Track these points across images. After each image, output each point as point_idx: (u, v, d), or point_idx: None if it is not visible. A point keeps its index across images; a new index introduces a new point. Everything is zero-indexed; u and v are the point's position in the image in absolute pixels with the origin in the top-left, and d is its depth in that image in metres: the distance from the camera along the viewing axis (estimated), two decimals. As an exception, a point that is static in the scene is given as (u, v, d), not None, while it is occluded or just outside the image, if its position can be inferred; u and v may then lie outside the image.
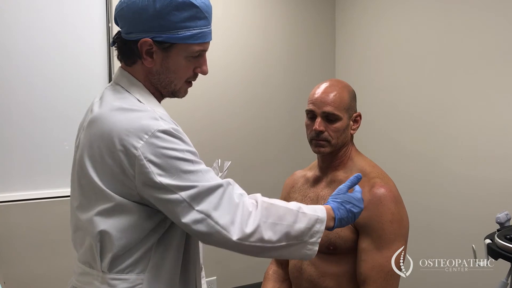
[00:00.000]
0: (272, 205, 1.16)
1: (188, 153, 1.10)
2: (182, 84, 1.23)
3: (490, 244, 1.66)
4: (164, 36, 1.13)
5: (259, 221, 1.12)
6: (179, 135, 1.11)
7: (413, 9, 2.86)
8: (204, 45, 1.20)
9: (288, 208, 1.18)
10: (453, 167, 2.62)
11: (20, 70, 2.38)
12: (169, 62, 1.17)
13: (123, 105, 1.14)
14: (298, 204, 1.22)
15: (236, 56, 3.07)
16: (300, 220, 1.17)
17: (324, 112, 1.54)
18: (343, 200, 1.27)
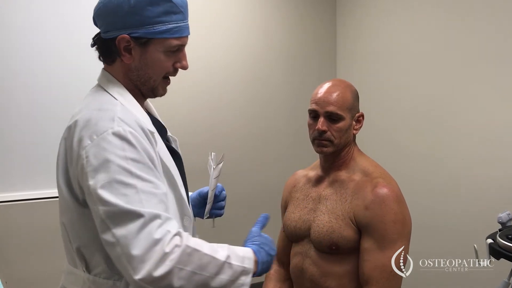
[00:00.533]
0: (197, 251, 1.04)
1: (132, 161, 1.04)
2: (160, 80, 1.22)
3: (492, 244, 1.65)
4: (141, 31, 1.14)
5: (173, 266, 1.00)
6: (129, 140, 1.06)
7: (414, 9, 2.85)
8: (181, 40, 1.19)
9: (213, 258, 1.07)
10: (455, 167, 2.62)
11: (20, 70, 2.37)
12: (147, 57, 1.17)
13: (94, 105, 1.15)
14: (229, 251, 1.11)
15: (236, 56, 3.07)
16: (224, 271, 1.08)
17: (327, 112, 1.53)
18: (261, 243, 1.20)
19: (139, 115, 1.15)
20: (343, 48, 3.40)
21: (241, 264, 1.11)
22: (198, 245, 1.05)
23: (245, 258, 1.12)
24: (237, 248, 1.14)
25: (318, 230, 1.54)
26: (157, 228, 1.01)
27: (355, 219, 1.50)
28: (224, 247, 1.11)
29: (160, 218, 1.02)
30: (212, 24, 2.98)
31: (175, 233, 1.03)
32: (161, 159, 1.15)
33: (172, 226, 1.04)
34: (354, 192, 1.53)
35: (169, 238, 1.01)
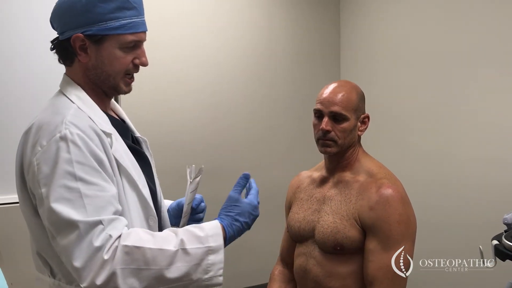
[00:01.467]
0: (138, 248, 1.03)
1: (78, 164, 1.04)
2: (121, 77, 1.20)
3: (497, 245, 1.65)
4: (94, 29, 1.14)
5: (114, 269, 1.00)
6: (76, 142, 1.06)
7: (417, 9, 2.85)
8: (137, 35, 1.18)
9: (160, 249, 1.05)
10: (460, 168, 2.61)
11: (20, 72, 2.38)
12: (103, 55, 1.17)
13: (49, 110, 1.15)
14: (185, 236, 1.09)
15: (240, 58, 3.08)
16: (178, 259, 1.06)
17: (332, 112, 1.54)
18: (236, 213, 1.19)
19: (95, 117, 1.15)
20: (347, 48, 3.40)
21: (202, 245, 1.09)
22: (139, 241, 1.04)
23: (208, 237, 1.10)
24: (199, 228, 1.12)
25: (322, 230, 1.54)
26: (98, 235, 1.01)
27: (359, 220, 1.50)
28: (179, 233, 1.09)
29: (102, 224, 1.02)
30: (215, 25, 2.98)
31: (117, 236, 1.03)
32: (116, 160, 1.14)
33: (115, 228, 1.04)
34: (359, 193, 1.53)
35: (110, 244, 1.02)
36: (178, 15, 2.86)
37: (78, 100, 1.17)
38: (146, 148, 1.39)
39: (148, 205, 1.21)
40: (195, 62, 2.93)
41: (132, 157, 1.21)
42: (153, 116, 2.80)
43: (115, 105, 1.37)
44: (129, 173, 1.16)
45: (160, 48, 2.79)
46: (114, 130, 1.18)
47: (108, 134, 1.15)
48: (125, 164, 1.16)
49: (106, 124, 1.17)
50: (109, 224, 1.03)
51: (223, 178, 3.01)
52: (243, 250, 3.11)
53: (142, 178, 1.21)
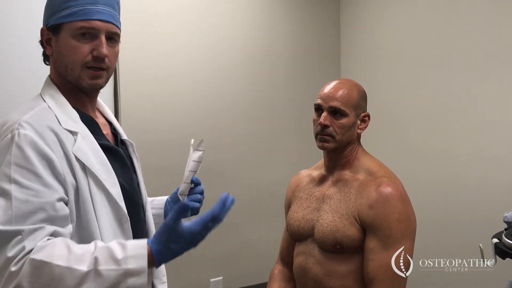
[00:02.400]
0: (46, 264, 0.97)
1: (16, 166, 1.02)
2: (79, 69, 1.16)
3: (497, 243, 1.64)
4: (52, 19, 1.16)
5: (20, 282, 0.96)
6: (20, 144, 1.03)
7: (418, 7, 2.85)
8: (89, 22, 1.15)
9: (69, 268, 0.97)
10: (460, 166, 2.61)
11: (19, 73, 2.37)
12: (60, 45, 1.17)
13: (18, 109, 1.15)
14: (102, 255, 0.99)
15: (240, 56, 3.07)
16: (88, 281, 0.97)
17: (331, 107, 1.54)
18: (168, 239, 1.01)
19: (63, 116, 1.14)
20: (347, 48, 3.39)
21: (119, 267, 0.98)
22: (48, 257, 0.98)
23: (128, 258, 0.99)
24: (121, 247, 1.01)
25: (322, 229, 1.54)
26: (13, 245, 0.98)
27: (359, 218, 1.50)
28: (97, 250, 1.00)
29: (21, 234, 0.99)
30: (214, 23, 2.98)
31: (30, 249, 0.98)
32: (77, 158, 1.11)
33: (33, 239, 0.99)
34: (358, 191, 1.52)
35: (20, 256, 0.98)
36: (177, 13, 2.86)
37: (50, 99, 1.17)
38: (132, 151, 1.37)
39: (117, 204, 1.17)
40: (194, 61, 2.93)
41: (102, 156, 1.18)
42: (152, 116, 2.79)
43: (103, 106, 1.36)
44: (93, 172, 1.13)
45: (160, 47, 2.79)
46: (83, 128, 1.16)
47: (73, 133, 1.13)
48: (89, 163, 1.13)
49: (74, 122, 1.16)
50: (28, 235, 0.99)
51: (222, 177, 3.01)
52: (243, 249, 3.11)
53: (112, 177, 1.18)
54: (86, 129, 1.18)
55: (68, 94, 1.20)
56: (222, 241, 3.01)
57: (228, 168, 3.04)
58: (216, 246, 2.95)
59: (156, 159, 2.61)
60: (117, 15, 1.22)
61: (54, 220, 1.04)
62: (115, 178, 1.19)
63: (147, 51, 2.74)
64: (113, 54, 1.21)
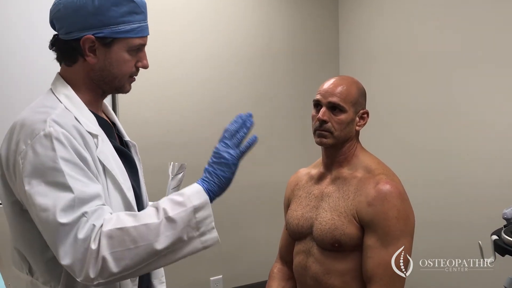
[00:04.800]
0: (120, 230, 1.04)
1: (63, 161, 1.05)
2: (126, 80, 1.23)
3: (497, 240, 1.64)
4: (105, 31, 1.15)
5: (102, 256, 1.02)
6: (60, 140, 1.06)
7: (416, 7, 2.84)
8: (143, 39, 1.22)
9: (144, 225, 1.06)
10: (459, 164, 2.61)
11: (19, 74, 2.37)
12: (111, 57, 1.18)
13: (34, 108, 1.16)
14: (164, 204, 1.10)
15: (238, 55, 3.07)
16: (165, 229, 1.06)
17: (330, 103, 1.54)
18: (215, 168, 1.19)
19: (82, 118, 1.15)
20: (346, 46, 3.39)
21: (186, 207, 1.09)
22: (120, 223, 1.05)
23: (190, 197, 1.11)
24: (179, 194, 1.12)
25: (320, 227, 1.54)
26: (82, 227, 1.03)
27: (358, 216, 1.49)
28: (160, 204, 1.10)
29: (85, 216, 1.03)
30: (213, 22, 2.98)
31: (100, 225, 1.04)
32: (100, 161, 1.14)
33: (98, 218, 1.04)
34: (357, 189, 1.52)
35: (94, 234, 1.03)
36: (176, 12, 2.86)
37: (66, 99, 1.17)
38: (135, 153, 1.38)
39: (132, 208, 1.20)
40: (193, 60, 2.92)
41: (118, 159, 1.20)
42: (151, 116, 2.79)
43: (107, 107, 1.37)
44: (113, 175, 1.16)
45: (160, 47, 2.79)
46: (101, 131, 1.18)
47: (94, 135, 1.15)
48: (110, 166, 1.15)
49: (93, 125, 1.17)
50: (92, 215, 1.04)
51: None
52: (242, 248, 3.11)
53: (127, 181, 1.21)
54: (103, 132, 1.20)
55: (84, 95, 1.21)
56: (222, 239, 3.00)
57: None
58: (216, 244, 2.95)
59: (154, 160, 2.60)
60: None
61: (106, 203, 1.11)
62: (129, 182, 1.21)
63: (146, 51, 2.73)
64: None
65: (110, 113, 1.36)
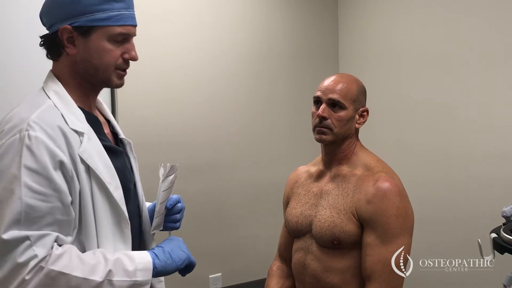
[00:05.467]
0: (63, 275, 1.01)
1: (26, 170, 1.01)
2: (111, 72, 1.19)
3: (496, 238, 1.64)
4: (82, 20, 1.13)
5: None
6: (30, 146, 1.03)
7: (416, 5, 2.84)
8: (126, 28, 1.17)
9: (85, 279, 1.03)
10: (458, 163, 2.61)
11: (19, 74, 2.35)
12: (91, 47, 1.15)
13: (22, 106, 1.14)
14: (114, 267, 1.09)
15: (238, 54, 3.07)
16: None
17: (330, 99, 1.54)
18: (170, 249, 1.20)
19: (69, 115, 1.13)
20: (345, 45, 3.39)
21: (129, 279, 1.09)
22: (66, 268, 1.02)
23: (136, 271, 1.11)
24: (129, 260, 1.12)
25: (319, 225, 1.54)
26: (22, 251, 0.99)
27: (357, 214, 1.49)
28: (110, 262, 1.08)
29: (30, 240, 1.00)
30: (212, 22, 2.97)
31: (43, 256, 1.00)
32: (83, 160, 1.11)
33: (43, 246, 1.01)
34: (356, 187, 1.52)
35: (34, 263, 0.99)
36: (176, 12, 2.85)
37: (55, 96, 1.16)
38: (130, 150, 1.36)
39: (119, 208, 1.17)
40: (192, 59, 2.92)
41: (106, 157, 1.17)
42: (149, 114, 2.79)
43: (102, 105, 1.35)
44: (97, 174, 1.13)
45: (159, 46, 2.78)
46: (88, 129, 1.16)
47: (80, 133, 1.12)
48: (94, 165, 1.12)
49: (80, 122, 1.15)
50: (37, 241, 1.01)
51: (221, 174, 3.01)
52: (242, 245, 3.11)
53: (115, 179, 1.17)
54: (91, 129, 1.17)
55: (73, 91, 1.19)
56: (221, 237, 3.01)
57: (227, 165, 3.04)
58: (215, 242, 2.96)
59: (153, 158, 2.60)
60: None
61: (60, 224, 1.05)
62: (118, 181, 1.18)
63: (145, 50, 2.73)
64: None
65: (104, 111, 1.34)
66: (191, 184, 2.83)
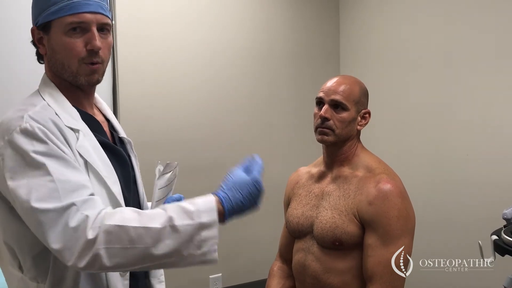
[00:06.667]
0: (121, 227, 1.00)
1: (42, 155, 1.03)
2: (76, 65, 1.14)
3: (496, 240, 1.64)
4: (41, 17, 1.13)
5: (97, 249, 0.98)
6: (37, 134, 1.04)
7: (417, 6, 2.84)
8: (77, 16, 1.11)
9: (145, 228, 1.01)
10: (459, 164, 2.61)
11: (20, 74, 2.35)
12: (52, 43, 1.14)
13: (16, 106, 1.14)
14: (174, 213, 1.04)
15: (239, 54, 3.07)
16: (166, 236, 1.02)
17: (332, 100, 1.54)
18: (236, 185, 1.14)
19: (63, 113, 1.14)
20: (347, 46, 3.39)
21: (193, 221, 1.04)
22: (122, 220, 1.01)
23: (200, 213, 1.05)
24: (191, 203, 1.07)
25: (321, 226, 1.54)
26: (73, 216, 1.00)
27: (358, 215, 1.50)
28: (169, 209, 1.05)
29: (75, 205, 1.01)
30: (214, 22, 2.97)
31: (96, 215, 1.01)
32: (81, 155, 1.11)
33: (91, 208, 1.02)
34: (358, 188, 1.52)
35: (89, 224, 1.00)
36: (177, 12, 2.85)
37: (49, 96, 1.16)
38: (130, 149, 1.36)
39: (118, 201, 1.17)
40: (193, 59, 2.92)
41: (103, 154, 1.17)
42: (151, 113, 2.79)
43: (102, 104, 1.35)
44: (94, 168, 1.13)
45: (159, 46, 2.78)
46: (83, 127, 1.16)
47: (75, 130, 1.13)
48: (91, 160, 1.13)
49: (75, 120, 1.15)
50: (82, 205, 1.01)
51: (222, 176, 3.00)
52: (242, 246, 3.11)
53: (112, 175, 1.17)
54: (87, 127, 1.17)
55: (65, 91, 1.19)
56: (221, 237, 3.00)
57: (228, 165, 3.02)
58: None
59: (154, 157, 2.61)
60: (105, 5, 1.19)
61: (92, 194, 1.06)
62: (115, 176, 1.18)
63: (146, 49, 2.73)
64: (107, 46, 1.18)
65: (104, 110, 1.34)
66: (191, 184, 2.82)
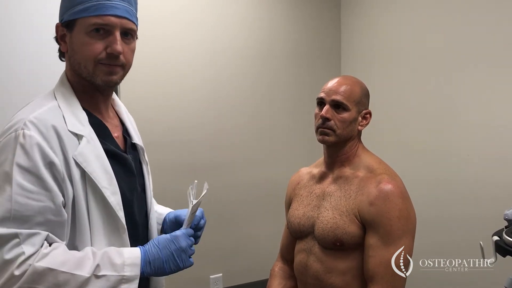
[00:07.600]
0: (51, 270, 1.00)
1: (18, 168, 1.01)
2: (93, 65, 1.13)
3: (498, 241, 1.64)
4: (66, 15, 1.13)
5: (19, 287, 0.99)
6: (24, 145, 1.02)
7: (418, 6, 2.84)
8: (103, 18, 1.11)
9: (73, 275, 1.02)
10: (460, 165, 2.60)
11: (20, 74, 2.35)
12: (73, 41, 1.14)
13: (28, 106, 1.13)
14: (101, 261, 1.07)
15: (240, 55, 3.07)
16: (91, 285, 1.04)
17: (333, 100, 1.55)
18: (164, 244, 1.17)
19: (70, 117, 1.12)
20: (348, 47, 3.39)
21: (117, 274, 1.07)
22: (54, 264, 1.01)
23: (124, 266, 1.08)
24: (118, 254, 1.09)
25: (322, 226, 1.54)
26: (11, 248, 0.99)
27: (359, 215, 1.50)
28: (97, 257, 1.07)
29: (19, 238, 1.00)
30: (215, 22, 2.98)
31: (31, 253, 1.00)
32: (77, 164, 1.09)
33: (31, 244, 1.01)
34: (359, 188, 1.52)
35: (21, 260, 0.99)
36: (177, 12, 2.85)
37: (62, 97, 1.15)
38: (142, 156, 1.34)
39: (115, 214, 1.14)
40: (194, 60, 2.92)
41: (105, 161, 1.14)
42: (152, 114, 2.79)
43: (120, 107, 1.33)
44: (92, 178, 1.10)
45: (159, 46, 2.78)
46: (89, 132, 1.14)
47: (79, 136, 1.11)
48: (89, 169, 1.10)
49: (81, 125, 1.13)
50: (26, 239, 1.00)
51: (223, 174, 3.01)
52: (244, 246, 3.11)
53: (113, 185, 1.15)
54: (93, 132, 1.15)
55: (81, 92, 1.18)
56: (222, 237, 3.01)
57: (228, 165, 3.04)
58: (216, 242, 2.95)
59: (154, 157, 2.61)
60: (133, 10, 1.18)
61: (52, 225, 1.05)
62: (116, 186, 1.15)
63: (148, 51, 2.73)
64: (129, 51, 1.18)
65: (121, 113, 1.33)
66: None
